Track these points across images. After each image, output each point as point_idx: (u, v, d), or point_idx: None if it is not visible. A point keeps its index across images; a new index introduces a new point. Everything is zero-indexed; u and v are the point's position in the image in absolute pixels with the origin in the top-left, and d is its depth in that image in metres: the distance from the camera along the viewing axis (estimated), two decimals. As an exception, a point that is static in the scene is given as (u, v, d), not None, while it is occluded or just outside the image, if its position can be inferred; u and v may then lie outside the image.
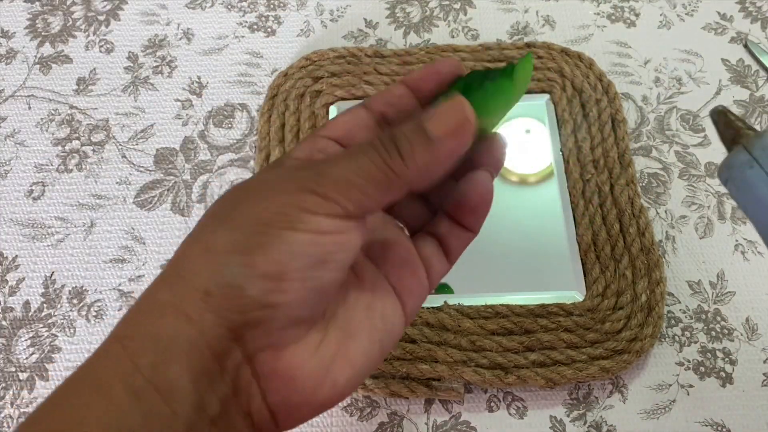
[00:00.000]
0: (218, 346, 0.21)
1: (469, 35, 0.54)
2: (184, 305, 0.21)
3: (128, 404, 0.20)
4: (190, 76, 0.52)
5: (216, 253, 0.22)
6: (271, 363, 0.22)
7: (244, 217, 0.22)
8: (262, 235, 0.21)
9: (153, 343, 0.21)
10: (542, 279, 0.43)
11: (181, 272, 0.22)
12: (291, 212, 0.21)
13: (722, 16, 0.54)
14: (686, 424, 0.40)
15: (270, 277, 0.21)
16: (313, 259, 0.21)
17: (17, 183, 0.48)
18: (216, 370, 0.21)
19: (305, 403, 0.23)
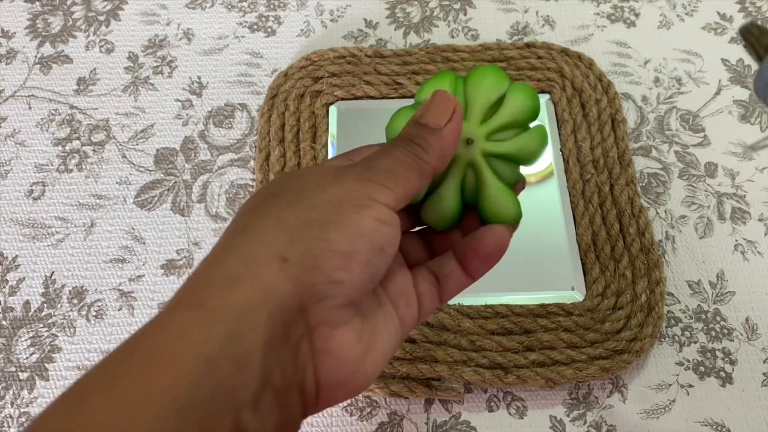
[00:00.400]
0: (289, 316, 0.21)
1: (469, 35, 0.54)
2: (260, 273, 0.21)
3: (199, 374, 0.19)
4: (190, 76, 0.52)
5: (291, 225, 0.22)
6: (326, 340, 0.23)
7: (314, 198, 0.23)
8: (335, 214, 0.23)
9: (227, 312, 0.20)
10: (542, 279, 0.43)
11: (251, 240, 0.22)
12: (358, 198, 0.23)
13: (722, 16, 0.54)
14: (686, 424, 0.40)
15: (341, 254, 0.22)
16: (375, 245, 0.23)
17: (17, 183, 0.48)
18: (283, 341, 0.21)
19: (344, 384, 0.24)
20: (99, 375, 0.19)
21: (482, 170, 0.28)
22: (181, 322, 0.20)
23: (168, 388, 0.18)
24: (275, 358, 0.21)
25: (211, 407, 0.19)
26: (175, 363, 0.19)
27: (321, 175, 0.24)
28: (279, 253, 0.22)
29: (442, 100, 0.26)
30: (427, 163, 0.25)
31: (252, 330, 0.20)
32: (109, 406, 0.18)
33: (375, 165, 0.25)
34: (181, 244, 0.46)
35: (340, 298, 0.23)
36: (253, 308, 0.21)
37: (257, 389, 0.20)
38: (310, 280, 0.22)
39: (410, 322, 0.27)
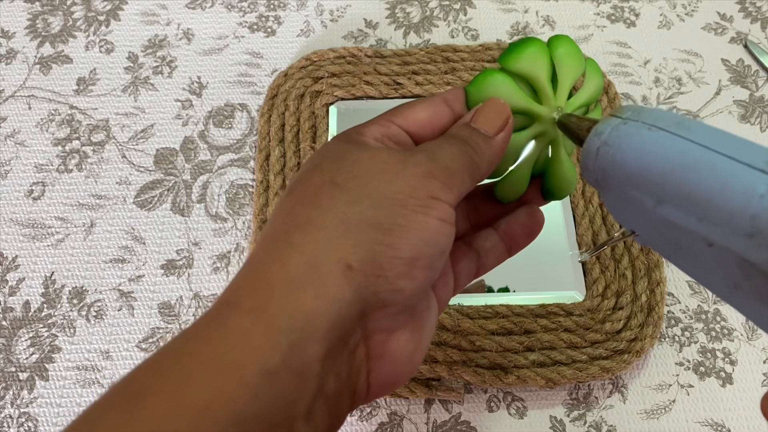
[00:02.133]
0: (349, 326, 0.21)
1: (469, 35, 0.54)
2: (323, 279, 0.21)
3: (261, 386, 0.19)
4: (190, 76, 0.52)
5: (356, 227, 0.21)
6: (382, 345, 0.23)
7: (378, 195, 0.22)
8: (400, 216, 0.22)
9: (290, 320, 0.20)
10: (542, 279, 0.43)
11: (315, 240, 0.21)
12: (422, 197, 0.22)
13: (722, 16, 0.54)
14: (686, 425, 0.40)
15: (407, 261, 0.22)
16: (438, 248, 0.23)
17: (17, 183, 0.48)
18: (340, 350, 0.21)
19: (393, 383, 0.24)
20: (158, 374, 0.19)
21: (560, 148, 0.28)
22: (242, 327, 0.20)
23: (230, 398, 0.18)
24: (331, 366, 0.21)
25: (269, 419, 0.19)
26: (237, 373, 0.19)
27: (383, 165, 0.23)
28: (343, 258, 0.21)
29: (496, 108, 0.26)
30: (478, 168, 0.25)
31: (313, 341, 0.20)
32: (172, 412, 0.18)
33: (436, 158, 0.24)
34: (181, 244, 0.46)
35: (400, 305, 0.22)
36: (316, 318, 0.20)
37: (313, 399, 0.20)
38: (374, 288, 0.21)
39: (445, 300, 0.27)
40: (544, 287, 0.43)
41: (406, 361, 0.24)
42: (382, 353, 0.23)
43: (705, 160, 0.20)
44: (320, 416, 0.21)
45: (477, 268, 0.29)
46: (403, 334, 0.23)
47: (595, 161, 0.23)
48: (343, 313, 0.21)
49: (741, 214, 0.18)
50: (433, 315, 0.26)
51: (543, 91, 0.27)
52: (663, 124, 0.21)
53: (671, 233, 0.21)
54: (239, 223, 0.46)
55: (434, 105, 0.27)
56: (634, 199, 0.22)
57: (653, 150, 0.21)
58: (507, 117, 0.26)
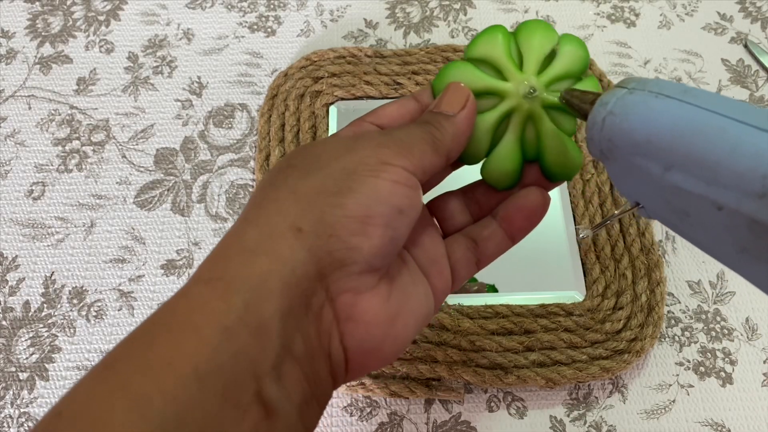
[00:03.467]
0: (306, 285, 0.22)
1: (469, 35, 0.54)
2: (276, 243, 0.22)
3: (219, 342, 0.19)
4: (190, 76, 0.52)
5: (306, 195, 0.23)
6: (350, 307, 0.23)
7: (329, 167, 0.23)
8: (350, 180, 0.23)
9: (245, 282, 0.21)
10: (542, 279, 0.43)
11: (267, 213, 0.23)
12: (372, 163, 0.23)
13: (722, 16, 0.54)
14: (686, 425, 0.40)
15: (358, 219, 0.22)
16: (393, 207, 0.23)
17: (17, 183, 0.48)
18: (302, 310, 0.22)
19: (373, 351, 0.24)
20: (128, 344, 0.20)
21: (543, 121, 0.28)
22: (200, 294, 0.21)
23: (190, 355, 0.19)
24: (295, 326, 0.21)
25: (231, 375, 0.19)
26: (195, 332, 0.20)
27: (335, 145, 0.24)
28: (293, 223, 0.22)
29: (455, 91, 0.27)
30: (441, 141, 0.25)
31: (268, 299, 0.21)
32: (136, 372, 0.19)
33: (390, 133, 0.25)
34: (181, 244, 0.46)
35: (360, 264, 0.23)
36: (269, 278, 0.21)
37: (277, 358, 0.21)
38: (327, 247, 0.22)
39: (443, 290, 0.28)
40: (544, 287, 0.43)
41: (381, 325, 0.24)
42: (352, 315, 0.23)
43: (714, 124, 0.20)
44: (293, 378, 0.21)
45: (477, 258, 0.29)
46: (373, 296, 0.24)
47: (601, 132, 0.23)
48: (298, 272, 0.21)
49: (752, 174, 0.19)
50: (421, 293, 0.26)
51: (504, 67, 0.28)
52: (669, 92, 0.22)
53: (679, 201, 0.21)
54: (239, 223, 0.46)
55: (403, 101, 0.28)
56: (641, 167, 0.22)
57: (661, 117, 0.21)
58: (466, 95, 0.27)
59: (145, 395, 0.18)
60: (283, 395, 0.21)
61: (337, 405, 0.40)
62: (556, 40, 0.28)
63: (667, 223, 0.23)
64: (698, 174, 0.20)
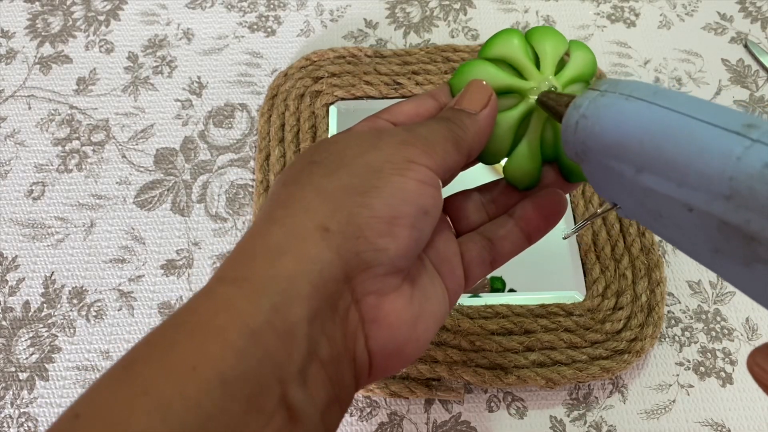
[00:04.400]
0: (334, 287, 0.21)
1: (469, 35, 0.54)
2: (303, 243, 0.21)
3: (245, 346, 0.19)
4: (190, 76, 0.52)
5: (332, 194, 0.22)
6: (375, 309, 0.23)
7: (354, 164, 0.23)
8: (376, 179, 0.22)
9: (272, 284, 0.20)
10: (542, 279, 0.43)
11: (293, 212, 0.22)
12: (398, 161, 0.23)
13: (722, 16, 0.54)
14: (686, 425, 0.40)
15: (385, 220, 0.22)
16: (419, 208, 0.23)
17: (17, 183, 0.48)
18: (329, 313, 0.21)
19: (396, 353, 0.24)
20: (149, 345, 0.20)
21: None
22: (226, 294, 0.20)
23: (215, 360, 0.19)
24: (321, 329, 0.21)
25: (257, 380, 0.19)
26: (221, 335, 0.19)
27: (359, 141, 0.24)
28: (321, 223, 0.21)
29: (478, 88, 0.27)
30: (463, 139, 0.25)
31: (296, 302, 0.20)
32: (159, 376, 0.18)
33: (413, 130, 0.25)
34: (181, 244, 0.46)
35: (386, 266, 0.22)
36: (297, 280, 0.21)
37: (303, 361, 0.20)
38: (354, 249, 0.22)
39: (455, 290, 0.27)
40: (544, 287, 0.43)
41: (404, 327, 0.23)
42: (376, 317, 0.23)
43: (683, 125, 0.20)
44: (318, 382, 0.21)
45: (492, 257, 0.28)
46: (397, 298, 0.23)
47: (575, 134, 0.23)
48: (325, 274, 0.21)
49: (719, 176, 0.19)
50: (439, 292, 0.26)
51: (524, 66, 0.28)
52: (640, 94, 0.22)
53: (652, 202, 0.22)
54: (239, 223, 0.46)
55: (420, 99, 0.28)
56: (614, 169, 0.22)
57: (631, 119, 0.21)
58: (489, 94, 0.27)
59: (167, 400, 0.18)
60: (307, 400, 0.20)
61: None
62: (567, 45, 0.29)
63: (643, 222, 0.23)
64: (668, 176, 0.20)
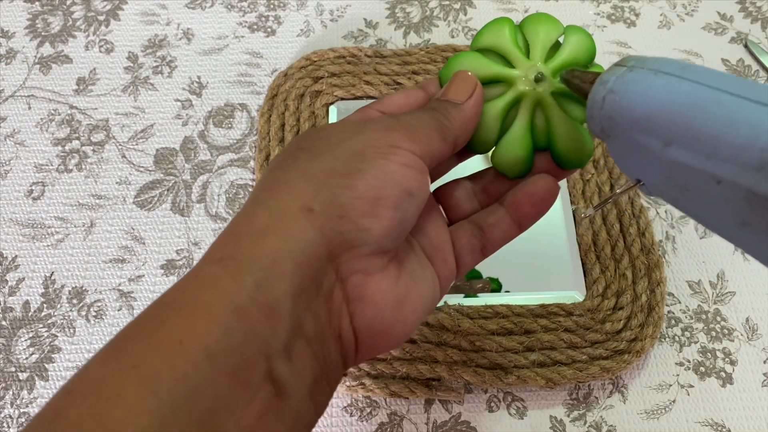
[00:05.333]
0: (317, 265, 0.22)
1: (469, 35, 0.54)
2: (287, 224, 0.22)
3: (230, 322, 0.20)
4: (190, 76, 0.52)
5: (316, 176, 0.23)
6: (360, 288, 0.23)
7: (338, 149, 0.23)
8: (359, 162, 0.23)
9: (256, 262, 0.21)
10: (542, 279, 0.43)
11: (278, 194, 0.23)
12: (382, 145, 0.23)
13: (722, 16, 0.54)
14: (686, 425, 0.40)
15: (368, 201, 0.22)
16: (403, 189, 0.23)
17: (17, 183, 0.48)
18: (313, 291, 0.22)
19: (382, 333, 0.24)
20: (138, 324, 0.20)
21: (552, 108, 0.28)
22: (212, 273, 0.21)
23: (201, 334, 0.19)
24: (306, 306, 0.21)
25: (242, 354, 0.19)
26: (207, 311, 0.20)
27: (344, 128, 0.25)
28: (305, 204, 0.22)
29: (463, 79, 0.27)
30: (448, 128, 0.26)
31: (279, 279, 0.21)
32: (147, 350, 0.19)
33: (398, 118, 0.25)
34: (181, 244, 0.46)
35: (370, 246, 0.23)
36: (280, 258, 0.21)
37: (288, 337, 0.21)
38: (337, 228, 0.22)
39: (447, 277, 0.28)
40: (544, 287, 0.43)
41: (389, 307, 0.24)
42: (361, 296, 0.23)
43: (712, 99, 0.20)
44: (303, 358, 0.21)
45: (483, 244, 0.29)
46: (382, 278, 0.24)
47: (601, 110, 0.23)
48: (309, 252, 0.22)
49: (750, 148, 0.19)
50: (429, 277, 0.26)
51: (511, 55, 0.28)
52: (668, 69, 0.22)
53: (679, 176, 0.22)
54: (239, 223, 0.46)
55: (410, 90, 0.28)
56: (641, 144, 0.23)
57: (660, 93, 0.22)
58: (473, 84, 0.27)
59: (155, 374, 0.18)
60: (293, 375, 0.21)
61: (337, 405, 0.40)
62: (561, 30, 0.29)
63: (667, 198, 0.24)
64: (697, 148, 0.20)
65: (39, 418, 0.18)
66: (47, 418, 0.18)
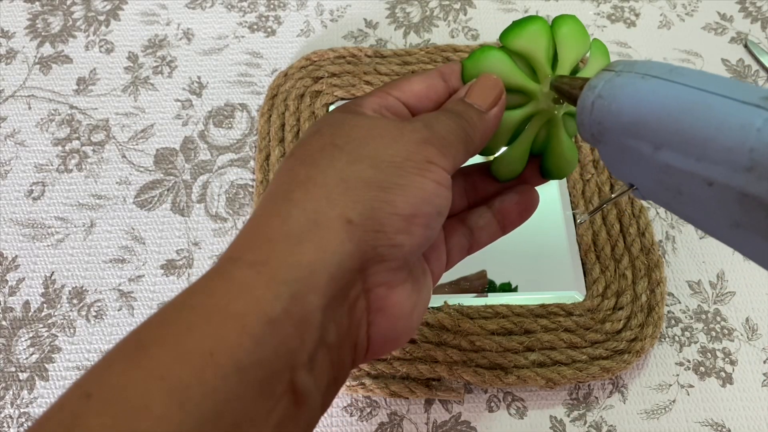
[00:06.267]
0: (349, 277, 0.22)
1: (469, 35, 0.54)
2: (324, 232, 0.21)
3: (263, 335, 0.19)
4: (190, 76, 0.52)
5: (355, 185, 0.22)
6: (383, 299, 0.23)
7: (377, 157, 0.23)
8: (398, 177, 0.23)
9: (293, 271, 0.20)
10: (542, 279, 0.43)
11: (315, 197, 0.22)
12: (419, 160, 0.23)
13: (722, 16, 0.54)
14: (686, 424, 0.40)
15: (404, 218, 0.22)
16: (435, 208, 0.23)
17: (17, 183, 0.48)
18: (340, 301, 0.22)
19: (393, 339, 0.24)
20: (162, 327, 0.19)
21: (559, 128, 0.28)
22: (244, 279, 0.20)
23: (233, 347, 0.19)
24: (332, 317, 0.21)
25: (271, 367, 0.19)
26: (239, 322, 0.19)
27: (381, 131, 0.24)
28: (344, 214, 0.22)
29: (489, 84, 0.26)
30: (472, 141, 0.25)
31: (314, 292, 0.20)
32: (175, 360, 0.18)
33: (432, 127, 0.25)
34: (181, 244, 0.46)
35: (399, 261, 0.23)
36: (317, 269, 0.21)
37: (316, 347, 0.20)
38: (373, 242, 0.22)
39: (438, 274, 0.28)
40: (544, 287, 0.43)
41: (405, 317, 0.24)
42: (383, 307, 0.23)
43: (701, 101, 0.20)
44: (323, 366, 0.21)
45: (470, 245, 0.29)
46: (403, 290, 0.24)
47: (591, 115, 0.23)
48: (344, 265, 0.21)
49: (739, 149, 0.19)
50: (428, 282, 0.27)
51: (540, 69, 0.27)
52: (656, 72, 0.22)
53: (670, 179, 0.22)
54: (239, 223, 0.46)
55: (430, 78, 0.28)
56: (632, 148, 0.22)
57: (648, 97, 0.22)
58: (500, 92, 0.26)
59: (184, 386, 0.18)
60: (313, 384, 0.21)
61: (337, 405, 0.40)
62: (588, 46, 0.28)
63: (660, 202, 0.24)
64: (687, 151, 0.20)
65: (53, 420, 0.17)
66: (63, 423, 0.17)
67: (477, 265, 0.44)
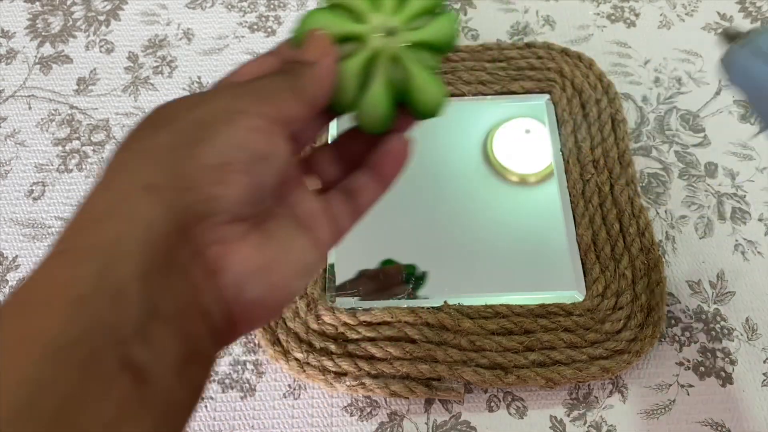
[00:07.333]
0: (167, 241, 0.21)
1: (469, 35, 0.54)
2: (129, 204, 0.21)
3: (72, 313, 0.19)
4: (190, 76, 0.52)
5: (157, 152, 0.22)
6: (220, 259, 0.22)
7: (183, 121, 0.22)
8: (203, 131, 0.22)
9: (96, 250, 0.20)
10: (542, 279, 0.43)
11: (120, 176, 0.22)
12: (229, 113, 0.23)
13: (722, 16, 0.54)
14: (686, 425, 0.40)
15: (214, 168, 0.22)
16: (253, 153, 0.22)
17: (17, 183, 0.48)
18: (166, 268, 0.21)
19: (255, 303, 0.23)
20: None
21: (408, 61, 0.28)
22: (48, 267, 0.20)
23: (41, 330, 0.18)
24: (160, 285, 0.20)
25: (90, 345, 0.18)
26: (45, 306, 0.19)
27: (189, 100, 0.24)
28: (145, 181, 0.21)
29: (315, 38, 0.26)
30: (303, 89, 0.25)
31: (124, 262, 0.20)
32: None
33: (246, 84, 0.24)
34: (181, 244, 0.46)
35: (224, 214, 0.22)
36: (124, 240, 0.20)
37: (141, 320, 0.20)
38: (185, 201, 0.21)
39: (327, 242, 0.27)
40: (544, 287, 0.43)
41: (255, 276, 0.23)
42: (224, 266, 0.22)
43: None
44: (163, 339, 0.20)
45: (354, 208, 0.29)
46: (245, 245, 0.23)
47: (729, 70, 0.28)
48: (156, 229, 0.20)
49: None
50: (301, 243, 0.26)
51: (358, 10, 0.28)
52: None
53: None
54: (239, 223, 0.46)
55: (262, 57, 0.28)
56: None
57: None
58: (326, 42, 0.26)
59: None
60: (153, 358, 0.20)
61: (337, 405, 0.40)
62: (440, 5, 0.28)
63: None
64: None
65: None
66: None
67: (478, 265, 0.44)
